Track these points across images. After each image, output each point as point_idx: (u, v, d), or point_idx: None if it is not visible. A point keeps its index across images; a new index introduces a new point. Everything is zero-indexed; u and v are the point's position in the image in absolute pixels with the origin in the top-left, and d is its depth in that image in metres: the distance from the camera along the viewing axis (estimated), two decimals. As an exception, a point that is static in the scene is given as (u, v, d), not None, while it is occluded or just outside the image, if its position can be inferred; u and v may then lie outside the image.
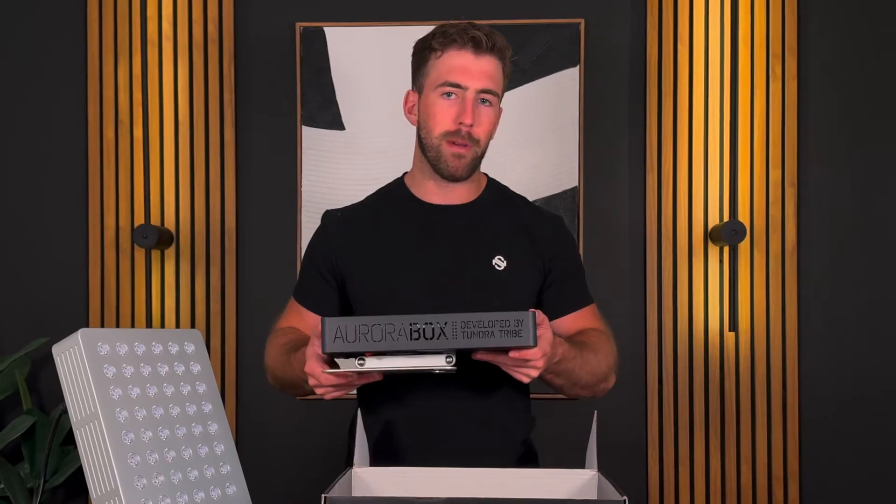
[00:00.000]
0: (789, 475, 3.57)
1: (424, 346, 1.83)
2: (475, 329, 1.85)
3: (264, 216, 3.70)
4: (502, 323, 1.85)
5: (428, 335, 1.83)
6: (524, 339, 1.85)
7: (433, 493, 1.64)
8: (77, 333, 1.62)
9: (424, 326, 1.83)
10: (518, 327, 1.86)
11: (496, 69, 2.22)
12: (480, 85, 2.19)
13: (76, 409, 1.62)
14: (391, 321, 1.81)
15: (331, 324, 1.79)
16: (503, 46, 2.22)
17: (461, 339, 1.85)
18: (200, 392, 1.84)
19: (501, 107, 2.33)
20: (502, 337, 1.86)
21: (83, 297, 3.68)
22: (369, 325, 1.81)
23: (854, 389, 3.61)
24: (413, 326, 1.82)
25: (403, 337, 1.81)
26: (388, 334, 1.81)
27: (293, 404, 3.66)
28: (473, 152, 2.25)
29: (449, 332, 1.84)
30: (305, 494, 2.62)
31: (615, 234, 3.66)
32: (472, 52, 2.18)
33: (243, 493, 1.83)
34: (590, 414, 1.95)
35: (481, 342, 1.84)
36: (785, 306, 3.58)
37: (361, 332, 1.80)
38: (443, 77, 2.21)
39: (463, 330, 1.85)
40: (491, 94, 2.21)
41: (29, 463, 3.52)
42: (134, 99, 3.67)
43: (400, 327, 1.81)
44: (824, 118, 3.63)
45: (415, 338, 1.81)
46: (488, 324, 1.85)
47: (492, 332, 1.85)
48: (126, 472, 1.58)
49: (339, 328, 1.79)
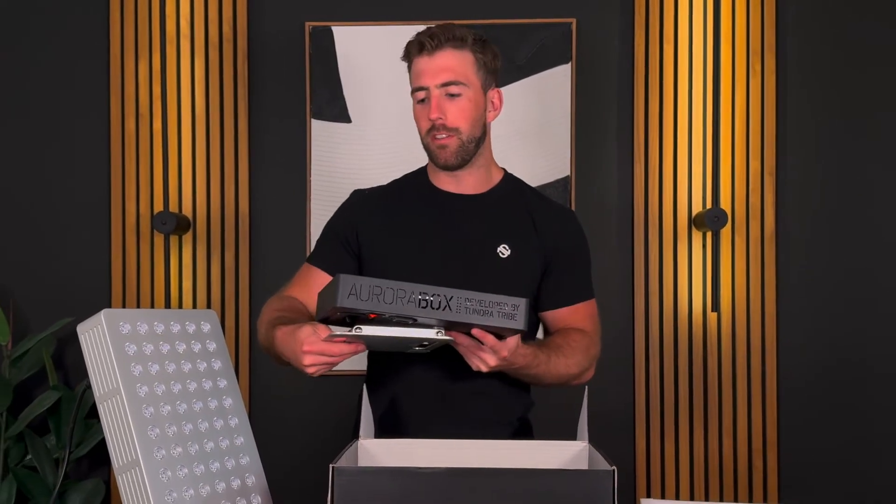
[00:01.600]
0: (768, 446, 3.56)
1: (425, 315, 1.82)
2: (477, 307, 1.85)
3: (276, 203, 3.70)
4: (501, 305, 1.86)
5: (434, 306, 1.82)
6: (517, 323, 1.86)
7: (434, 463, 1.63)
8: (100, 313, 1.63)
9: (432, 298, 1.82)
10: (514, 311, 1.87)
11: (458, 60, 2.24)
12: (438, 80, 2.22)
13: (99, 385, 1.63)
14: (403, 287, 1.79)
15: (346, 280, 1.76)
16: (462, 35, 2.24)
17: (462, 314, 1.84)
18: (216, 369, 1.85)
19: (498, 90, 2.35)
20: (499, 318, 1.87)
21: (106, 279, 3.68)
22: (382, 288, 1.79)
23: (828, 366, 3.61)
24: (423, 296, 1.80)
25: (412, 304, 1.80)
26: (399, 299, 1.79)
27: (303, 381, 3.64)
28: (456, 140, 2.25)
29: (454, 306, 1.83)
30: (314, 465, 2.61)
31: (605, 221, 3.65)
32: (426, 54, 2.23)
33: (256, 463, 1.84)
34: (581, 390, 1.96)
35: (480, 320, 1.84)
36: (764, 288, 3.57)
37: (374, 293, 1.78)
38: (412, 85, 2.27)
39: (466, 306, 1.85)
40: (455, 85, 2.22)
41: (55, 435, 3.51)
42: (154, 94, 3.67)
43: (410, 294, 1.79)
44: (800, 112, 3.63)
45: (422, 306, 1.80)
46: (489, 304, 1.86)
47: (490, 311, 1.85)
48: (146, 443, 1.60)
49: (354, 285, 1.76)
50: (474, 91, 2.26)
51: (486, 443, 1.94)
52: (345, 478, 1.56)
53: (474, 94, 2.26)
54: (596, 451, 1.79)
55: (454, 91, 2.22)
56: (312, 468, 2.67)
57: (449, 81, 2.21)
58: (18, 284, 3.72)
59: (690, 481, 3.59)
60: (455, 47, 2.23)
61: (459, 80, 2.22)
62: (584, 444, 1.92)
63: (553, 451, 1.93)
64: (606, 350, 3.57)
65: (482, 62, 2.27)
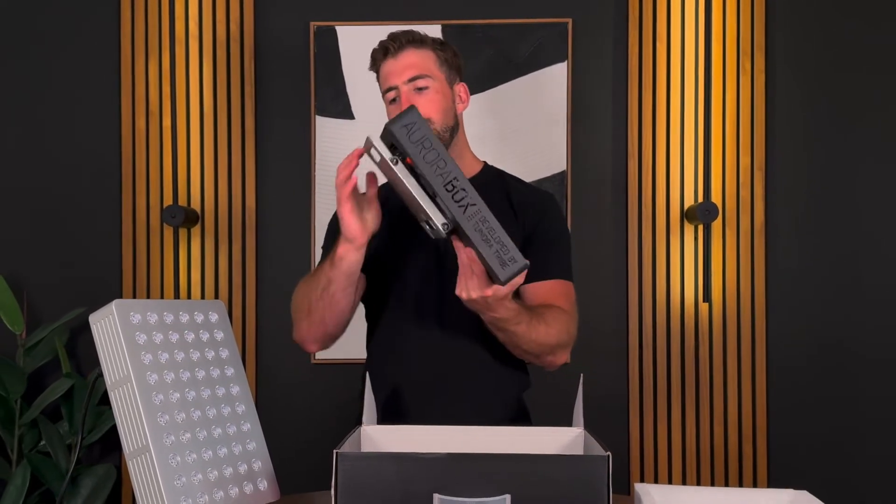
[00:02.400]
0: (757, 433, 3.57)
1: (445, 199, 1.83)
2: (485, 232, 1.84)
3: (281, 197, 3.69)
4: (503, 248, 1.84)
5: (456, 198, 1.83)
6: (502, 273, 1.85)
7: (435, 448, 1.63)
8: (112, 304, 1.63)
9: (459, 191, 1.83)
10: (509, 262, 1.85)
11: (420, 57, 2.32)
12: (405, 77, 2.29)
13: (110, 373, 1.64)
14: (445, 161, 1.83)
15: (413, 114, 1.84)
16: (421, 38, 2.34)
17: (470, 224, 1.84)
18: (223, 357, 1.84)
19: (463, 84, 2.43)
20: (494, 256, 1.85)
21: (117, 270, 3.68)
22: (429, 146, 1.83)
23: (816, 355, 3.61)
24: (455, 182, 1.83)
25: (441, 179, 1.82)
26: (437, 167, 1.82)
27: (308, 369, 3.66)
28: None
29: (469, 213, 1.83)
30: (319, 450, 2.61)
31: (600, 215, 3.64)
32: (390, 57, 2.32)
33: (262, 448, 1.83)
34: (578, 378, 1.95)
35: (478, 242, 1.83)
36: (754, 279, 3.57)
37: (423, 144, 1.82)
38: (383, 88, 2.37)
39: (478, 219, 1.84)
40: (421, 79, 2.30)
41: (68, 421, 3.51)
42: (163, 92, 3.67)
43: (445, 173, 1.82)
44: (789, 109, 3.63)
45: (448, 189, 1.82)
46: (495, 238, 1.85)
47: (492, 244, 1.84)
48: (156, 429, 1.60)
49: (413, 124, 1.83)
50: (440, 83, 2.33)
51: (485, 429, 1.93)
52: (348, 463, 1.56)
53: (440, 86, 2.33)
54: (591, 437, 1.79)
55: (421, 84, 2.30)
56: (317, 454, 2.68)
57: (415, 76, 2.29)
58: (33, 276, 3.72)
59: (683, 467, 3.59)
60: (416, 47, 2.32)
61: (425, 74, 2.30)
62: (580, 430, 1.91)
63: (549, 437, 1.93)
64: (601, 338, 3.61)
65: (443, 58, 2.35)
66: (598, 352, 3.63)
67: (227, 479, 1.71)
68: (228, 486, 1.70)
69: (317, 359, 3.64)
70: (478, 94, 3.60)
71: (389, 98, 2.34)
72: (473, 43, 3.63)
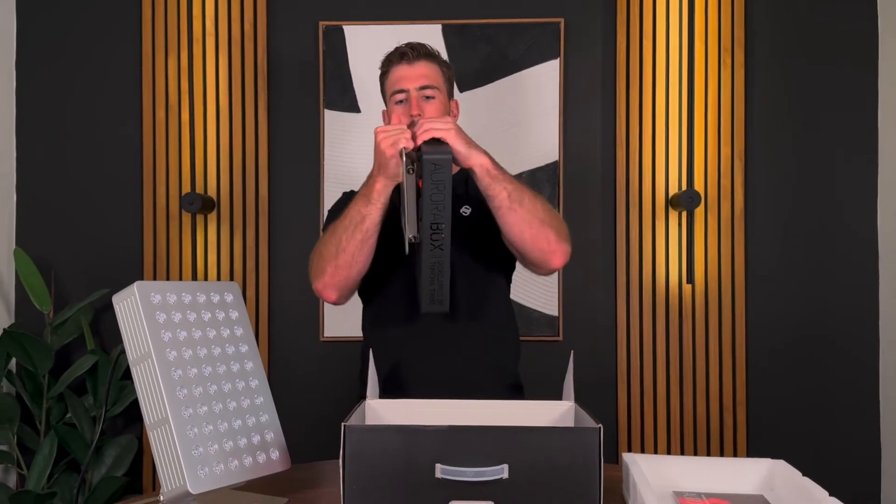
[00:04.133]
0: (737, 405, 3.56)
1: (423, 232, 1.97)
2: (436, 271, 2.01)
3: (292, 185, 3.68)
4: (440, 291, 2.04)
5: (433, 238, 1.98)
6: (423, 306, 2.06)
7: (436, 421, 1.64)
8: (133, 285, 1.64)
9: (440, 234, 1.98)
10: (437, 303, 2.05)
11: (431, 70, 2.42)
12: (418, 84, 2.38)
13: (132, 350, 1.64)
14: (444, 210, 1.95)
15: (447, 157, 1.95)
16: (434, 53, 2.45)
17: (429, 259, 2.00)
18: (238, 335, 1.84)
19: (456, 101, 2.56)
20: (426, 289, 2.03)
21: (138, 254, 3.67)
22: (441, 189, 1.94)
23: (792, 333, 3.60)
24: (440, 226, 1.97)
25: (432, 216, 1.94)
26: (436, 206, 1.94)
27: (318, 347, 3.66)
28: None
29: (434, 252, 1.99)
30: (326, 422, 2.62)
31: (590, 202, 3.63)
32: (406, 63, 2.40)
33: (274, 420, 1.83)
34: (568, 355, 1.96)
35: (425, 274, 2.02)
36: (734, 262, 3.56)
37: (437, 183, 1.93)
38: (392, 88, 2.43)
39: (437, 263, 2.00)
40: (430, 89, 2.39)
41: (92, 395, 3.50)
42: (181, 87, 3.65)
43: (438, 215, 1.95)
44: (767, 103, 3.61)
45: (432, 228, 1.96)
46: (439, 281, 2.02)
47: (433, 282, 2.03)
48: (175, 402, 1.61)
49: (441, 166, 1.93)
50: (443, 95, 2.43)
51: (481, 402, 1.95)
52: (356, 435, 1.57)
53: (443, 98, 2.43)
54: (582, 411, 1.80)
55: (429, 94, 2.39)
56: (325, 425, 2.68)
57: (426, 85, 2.39)
58: (60, 259, 3.71)
59: (668, 437, 3.58)
60: (429, 60, 2.42)
61: (434, 85, 2.40)
62: (571, 403, 1.93)
63: (543, 410, 1.95)
64: (591, 317, 3.62)
65: (447, 76, 2.48)
66: (588, 330, 3.62)
67: (241, 449, 1.71)
68: (243, 456, 1.70)
69: (325, 336, 3.64)
70: (476, 88, 3.59)
71: (397, 99, 2.40)
72: (471, 41, 3.61)
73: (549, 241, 2.19)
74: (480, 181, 2.09)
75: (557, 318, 3.60)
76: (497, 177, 2.09)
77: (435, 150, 1.94)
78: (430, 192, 1.93)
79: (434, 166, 1.92)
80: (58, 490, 3.38)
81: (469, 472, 1.54)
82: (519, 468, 1.55)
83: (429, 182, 1.92)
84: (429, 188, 1.92)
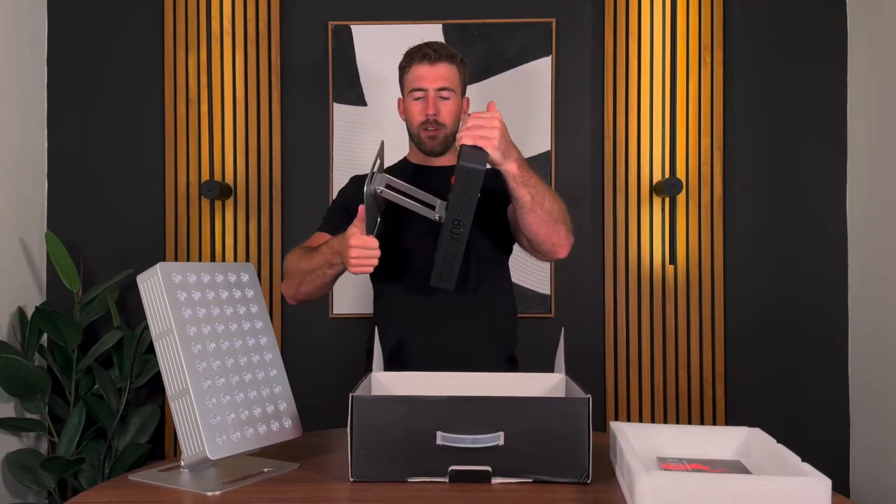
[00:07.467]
0: (716, 377, 3.56)
1: (446, 223, 2.06)
2: (450, 255, 2.10)
3: (304, 174, 3.67)
4: (450, 270, 2.13)
5: (453, 231, 2.06)
6: (432, 279, 2.15)
7: (436, 392, 1.65)
8: (156, 266, 1.66)
9: (460, 229, 2.06)
10: (444, 279, 2.14)
11: (450, 71, 2.43)
12: (437, 85, 2.41)
13: (155, 326, 1.66)
14: (469, 212, 2.02)
15: (481, 169, 1.97)
16: (454, 54, 2.45)
17: (445, 245, 2.09)
18: (253, 312, 1.85)
19: (468, 97, 2.56)
20: (439, 268, 2.12)
21: (161, 237, 3.66)
22: (471, 194, 1.99)
23: (767, 311, 3.60)
24: (462, 223, 2.04)
25: (456, 213, 2.02)
26: (461, 206, 2.02)
27: (327, 322, 3.65)
28: (443, 133, 2.44)
29: (451, 241, 2.07)
30: (335, 394, 2.61)
31: (580, 189, 3.62)
32: (427, 63, 2.41)
33: (287, 391, 1.84)
34: (559, 331, 1.98)
35: (440, 256, 2.11)
36: (713, 245, 3.56)
37: (468, 188, 1.98)
38: (411, 85, 2.45)
39: (452, 251, 2.09)
40: (447, 91, 2.42)
41: (118, 368, 3.50)
42: (201, 82, 3.64)
43: (462, 214, 2.03)
44: (744, 97, 3.60)
45: (454, 223, 2.04)
46: (450, 263, 2.11)
47: (446, 263, 2.11)
48: (195, 375, 1.62)
49: (475, 175, 1.96)
50: (458, 97, 2.46)
51: (479, 375, 1.97)
52: (362, 405, 1.58)
53: (457, 98, 2.46)
54: (572, 382, 1.81)
55: (445, 95, 2.42)
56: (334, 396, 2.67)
57: (444, 87, 2.41)
58: (88, 242, 3.70)
59: (651, 407, 3.58)
60: (449, 62, 2.43)
61: (450, 87, 2.43)
62: (562, 376, 1.94)
63: (536, 382, 1.97)
64: (581, 295, 3.60)
65: (463, 77, 2.48)
66: (577, 307, 3.62)
67: (256, 418, 1.71)
68: (258, 424, 1.71)
69: (334, 314, 3.63)
70: (474, 84, 3.57)
71: (416, 96, 2.43)
72: (470, 39, 3.59)
73: (559, 237, 2.28)
74: (508, 184, 2.11)
75: (550, 296, 3.60)
76: (523, 182, 2.11)
77: (472, 159, 1.94)
78: (459, 193, 1.97)
79: (467, 174, 1.94)
80: (86, 456, 3.38)
81: (467, 438, 1.55)
82: (514, 435, 1.56)
83: (460, 185, 1.96)
84: (458, 189, 1.97)
